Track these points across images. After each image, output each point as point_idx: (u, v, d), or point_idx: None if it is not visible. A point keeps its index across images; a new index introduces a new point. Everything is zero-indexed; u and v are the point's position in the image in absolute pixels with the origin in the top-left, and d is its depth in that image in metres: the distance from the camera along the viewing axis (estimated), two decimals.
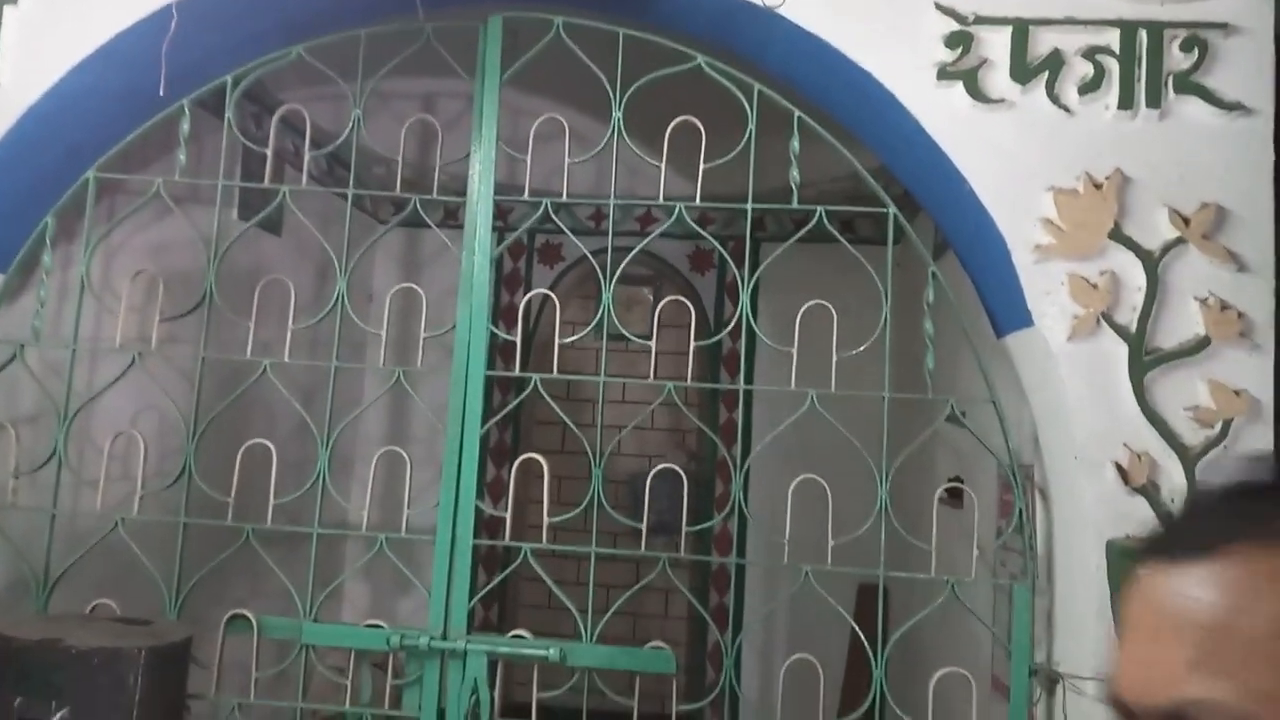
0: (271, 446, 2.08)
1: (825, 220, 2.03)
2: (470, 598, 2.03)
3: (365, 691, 2.05)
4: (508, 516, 2.09)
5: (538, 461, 2.07)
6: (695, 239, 3.97)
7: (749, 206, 2.05)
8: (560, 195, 2.09)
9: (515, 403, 2.19)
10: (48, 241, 2.14)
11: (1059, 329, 1.84)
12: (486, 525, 3.25)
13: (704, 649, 3.98)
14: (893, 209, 2.03)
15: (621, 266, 2.07)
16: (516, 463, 2.10)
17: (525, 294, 3.86)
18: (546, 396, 2.05)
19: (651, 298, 4.51)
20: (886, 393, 2.01)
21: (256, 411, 2.31)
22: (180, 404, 2.15)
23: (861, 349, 2.01)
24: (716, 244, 2.39)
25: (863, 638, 2.00)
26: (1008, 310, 1.93)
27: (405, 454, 2.07)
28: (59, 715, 1.76)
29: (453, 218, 2.11)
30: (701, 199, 2.07)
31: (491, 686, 2.00)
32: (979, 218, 1.89)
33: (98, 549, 2.11)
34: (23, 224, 2.18)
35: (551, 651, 1.98)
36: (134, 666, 1.81)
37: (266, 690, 2.08)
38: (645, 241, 2.11)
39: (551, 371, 2.08)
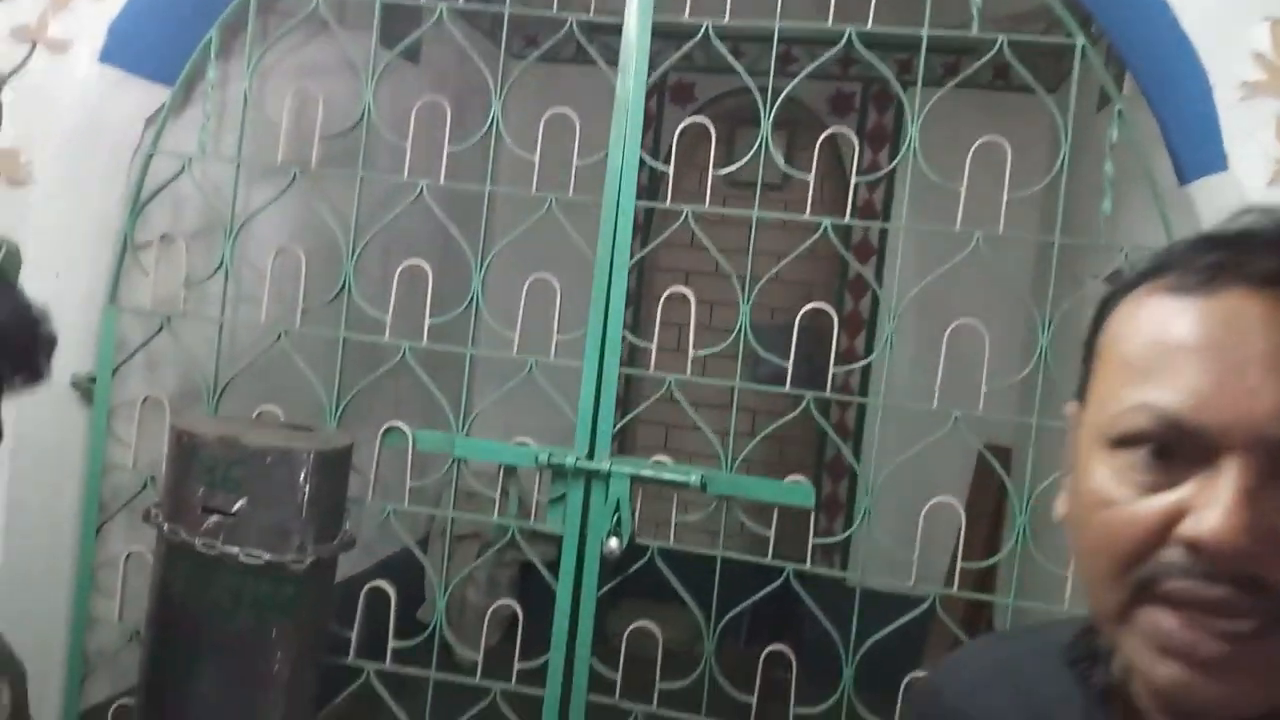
0: (427, 268, 2.12)
1: (1006, 50, 1.90)
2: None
3: (512, 506, 2.14)
4: (653, 347, 2.10)
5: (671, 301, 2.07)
6: (836, 80, 3.82)
7: (924, 31, 1.93)
8: (721, 18, 2.01)
9: (667, 232, 2.16)
10: (212, 55, 2.17)
11: (1258, 174, 1.71)
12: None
13: (821, 499, 4.05)
14: (1081, 39, 1.89)
15: (782, 96, 1.99)
16: (664, 296, 2.10)
17: (654, 133, 3.79)
18: (696, 228, 2.03)
19: (785, 143, 4.38)
20: (1057, 238, 1.92)
21: (411, 234, 2.35)
22: (335, 223, 2.20)
23: (1033, 189, 1.92)
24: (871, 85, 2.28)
25: (1009, 485, 1.97)
26: (1199, 153, 1.80)
27: (555, 282, 2.09)
28: (238, 505, 1.90)
29: (586, 55, 2.07)
30: (858, 35, 1.95)
31: (632, 511, 2.07)
32: (1179, 50, 1.75)
33: (261, 361, 2.21)
34: (185, 40, 2.21)
35: (693, 477, 2.02)
36: (304, 466, 1.93)
37: (417, 501, 2.19)
38: (813, 66, 2.02)
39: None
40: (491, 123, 2.08)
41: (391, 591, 2.17)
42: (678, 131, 2.08)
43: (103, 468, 2.23)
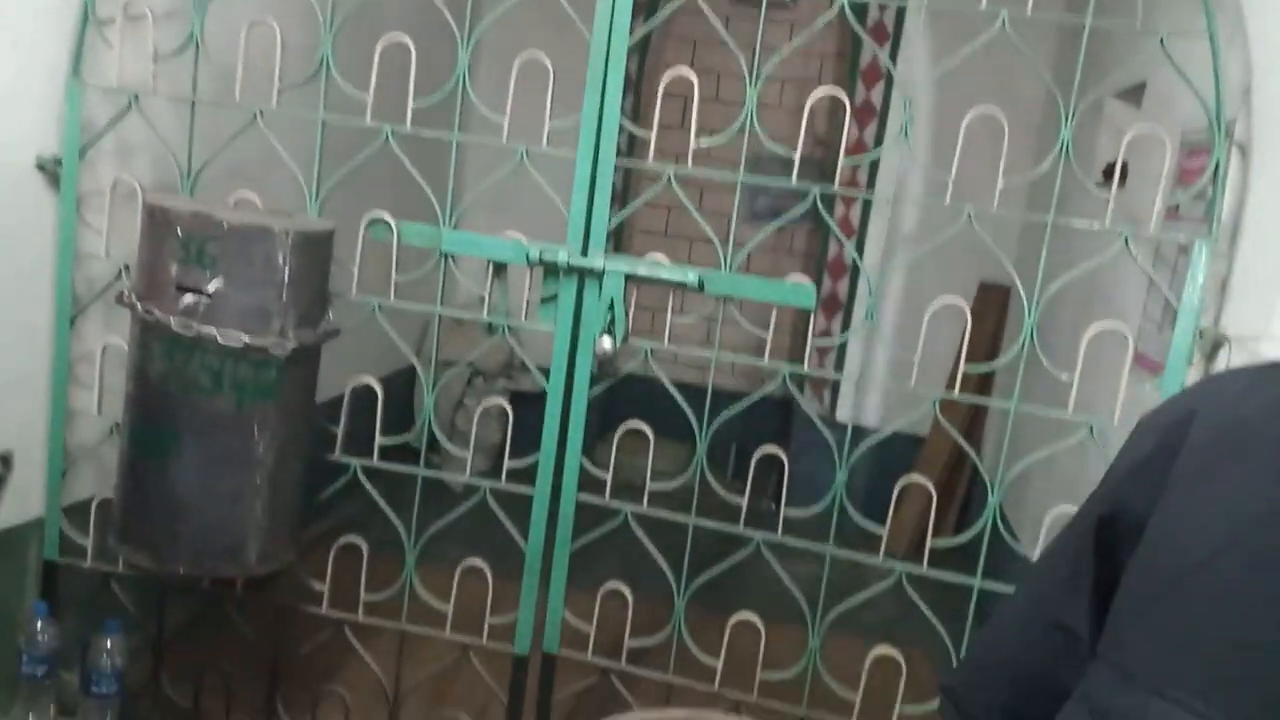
0: (410, 44, 1.98)
1: None
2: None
3: (501, 303, 2.06)
4: (652, 137, 1.98)
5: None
6: None
7: None
8: None
9: (669, 8, 2.01)
10: None
11: None
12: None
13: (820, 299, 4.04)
14: None
15: None
16: (663, 80, 1.97)
17: None
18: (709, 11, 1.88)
19: None
20: (1089, 20, 1.79)
21: (393, 9, 2.19)
22: None
23: None
24: None
25: (1021, 290, 1.90)
26: None
27: (548, 63, 1.95)
28: (214, 285, 1.82)
29: None
30: None
31: (626, 312, 1.99)
32: None
33: (237, 143, 2.09)
34: None
35: (691, 276, 1.94)
36: (283, 246, 1.84)
37: (405, 297, 2.11)
38: None
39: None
40: None
41: (378, 387, 2.11)
42: None
43: (74, 256, 2.14)
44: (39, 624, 2.08)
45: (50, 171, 2.10)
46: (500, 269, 2.06)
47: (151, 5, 2.12)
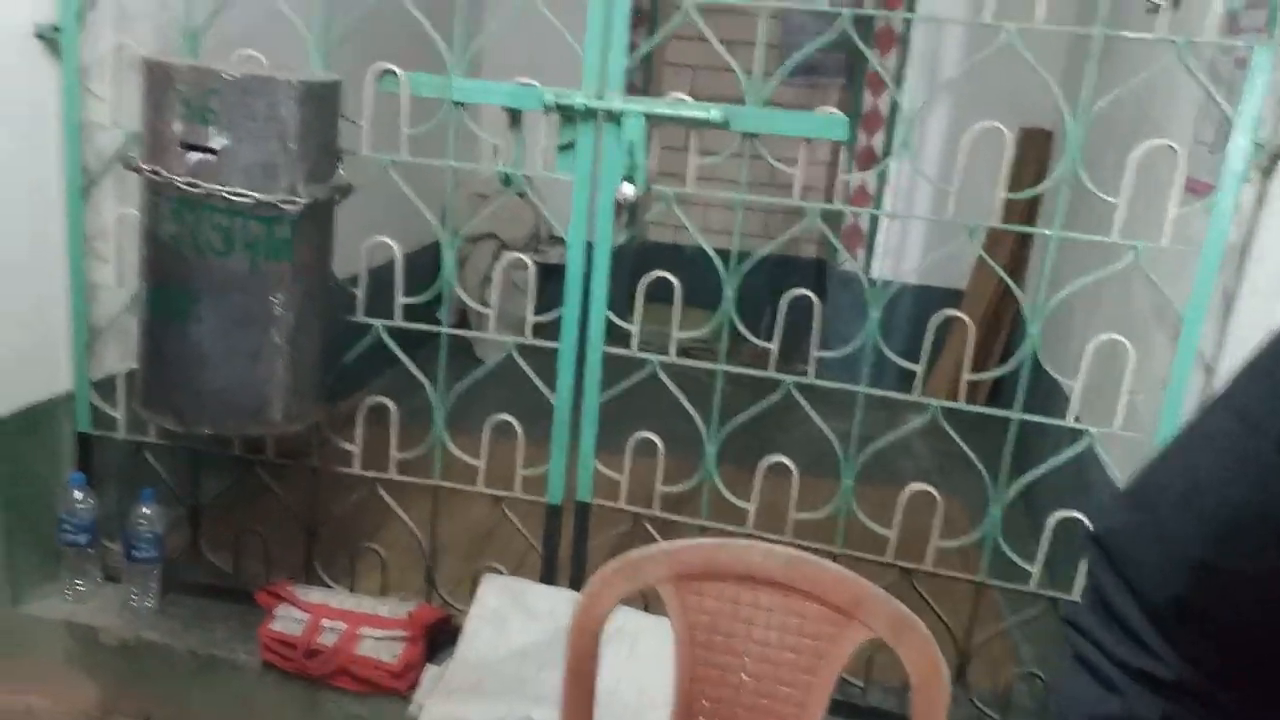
0: None
1: None
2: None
3: (517, 154, 1.99)
4: None
5: None
6: None
7: None
8: None
9: None
10: None
11: None
12: None
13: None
14: None
15: None
16: None
17: None
18: None
19: None
20: None
21: None
22: None
23: None
24: None
25: (1066, 113, 1.79)
26: None
27: None
28: (218, 140, 1.76)
29: None
30: None
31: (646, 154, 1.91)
32: None
33: (241, 5, 2.01)
34: None
35: (713, 113, 1.85)
36: (288, 97, 1.77)
37: (418, 152, 2.04)
38: None
39: None
40: None
41: (396, 247, 2.07)
42: None
43: (81, 127, 2.09)
44: (77, 494, 2.11)
45: (50, 40, 2.03)
46: (515, 118, 1.98)
47: None
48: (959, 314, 1.99)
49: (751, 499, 2.02)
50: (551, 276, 2.31)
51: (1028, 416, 1.87)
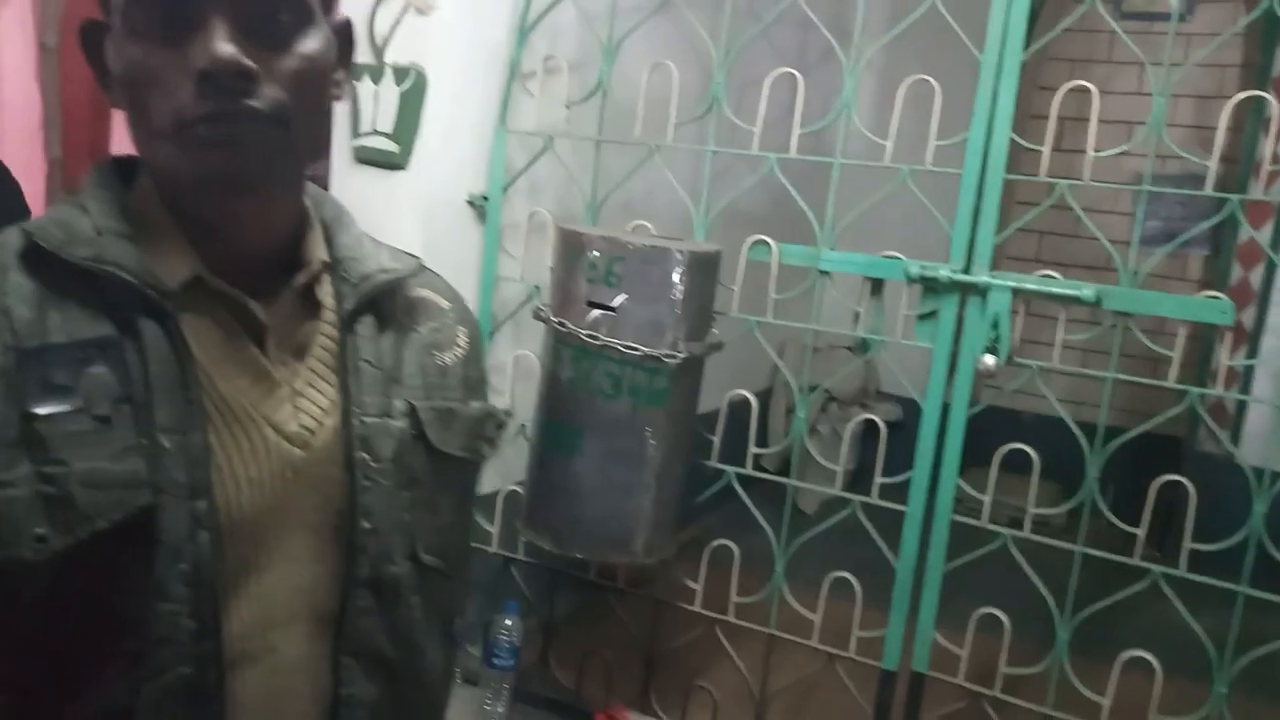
0: (798, 75, 2.08)
1: None
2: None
3: (877, 321, 2.09)
4: (1045, 150, 1.93)
5: (1081, 91, 1.87)
6: None
7: None
8: None
9: (1064, 24, 1.95)
10: None
11: None
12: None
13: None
14: None
15: None
16: (1060, 92, 1.92)
17: None
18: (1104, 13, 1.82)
19: None
20: None
21: (785, 40, 2.31)
22: (709, 39, 2.21)
23: None
24: None
25: None
26: None
27: (934, 82, 1.97)
28: (618, 300, 2.01)
29: None
30: None
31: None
32: None
33: (638, 177, 2.31)
34: None
35: (1086, 292, 1.86)
36: (678, 265, 2.00)
37: (782, 314, 2.20)
38: None
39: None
40: None
41: (753, 400, 2.22)
42: None
43: (495, 279, 2.45)
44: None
45: (477, 207, 2.43)
46: (877, 286, 2.09)
47: (566, 57, 2.41)
48: None
49: (1107, 693, 1.90)
50: (876, 431, 2.36)
51: None
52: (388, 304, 0.86)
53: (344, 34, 0.82)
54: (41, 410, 0.68)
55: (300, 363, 0.80)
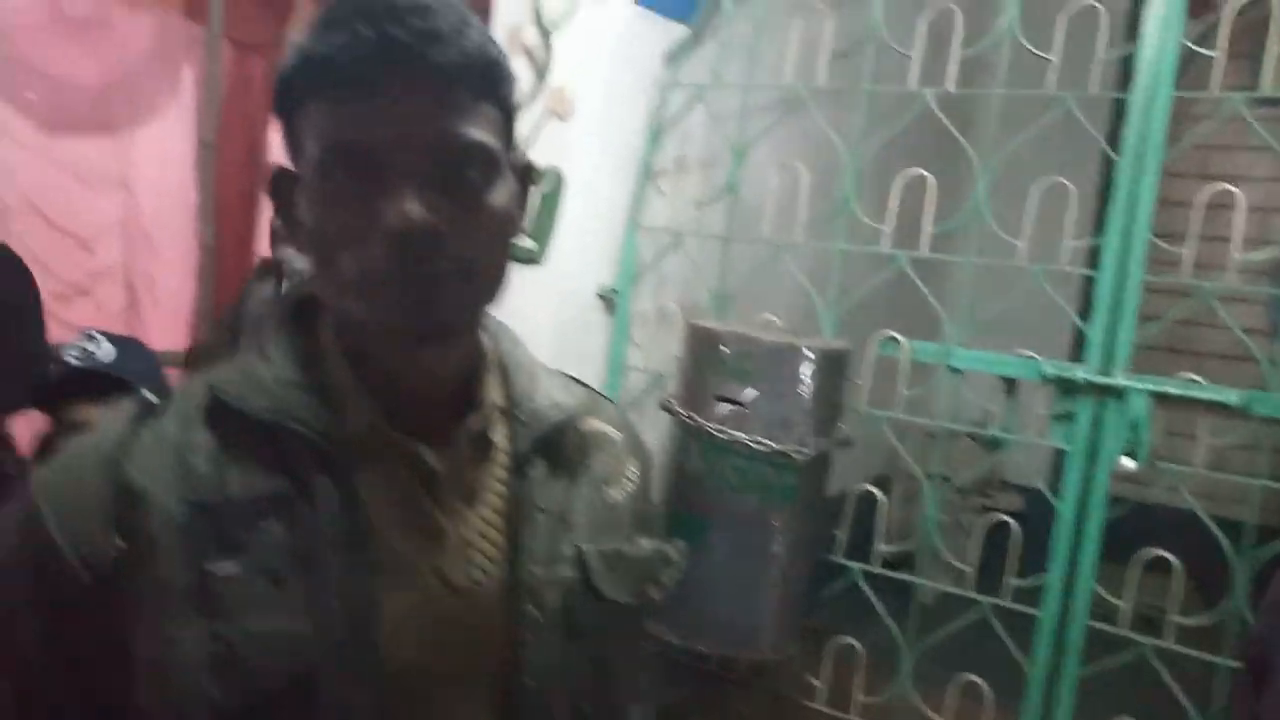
0: (929, 176, 2.12)
1: None
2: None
3: (1011, 420, 2.08)
4: (1187, 253, 1.92)
5: (1227, 191, 1.86)
6: None
7: None
8: None
9: (1204, 130, 1.96)
10: None
11: None
12: None
13: None
14: None
15: None
16: (1204, 194, 1.91)
17: None
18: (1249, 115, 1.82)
19: None
20: None
21: (914, 142, 2.36)
22: (839, 140, 2.27)
23: None
24: None
25: None
26: None
27: (1069, 184, 1.99)
28: (748, 396, 2.05)
29: None
30: None
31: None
32: None
33: (763, 273, 2.36)
34: None
35: (1231, 397, 1.82)
36: (808, 362, 2.03)
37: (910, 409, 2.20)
38: None
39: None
40: (1007, 26, 2.03)
41: (881, 496, 2.21)
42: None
43: (622, 368, 2.52)
44: None
45: (607, 299, 2.52)
46: (1011, 386, 2.09)
47: (696, 156, 2.50)
48: None
49: None
50: (1000, 528, 2.32)
51: None
52: (560, 442, 0.84)
53: (525, 172, 0.81)
54: (216, 569, 0.69)
55: (471, 509, 0.78)
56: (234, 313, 2.18)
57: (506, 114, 0.76)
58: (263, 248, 4.41)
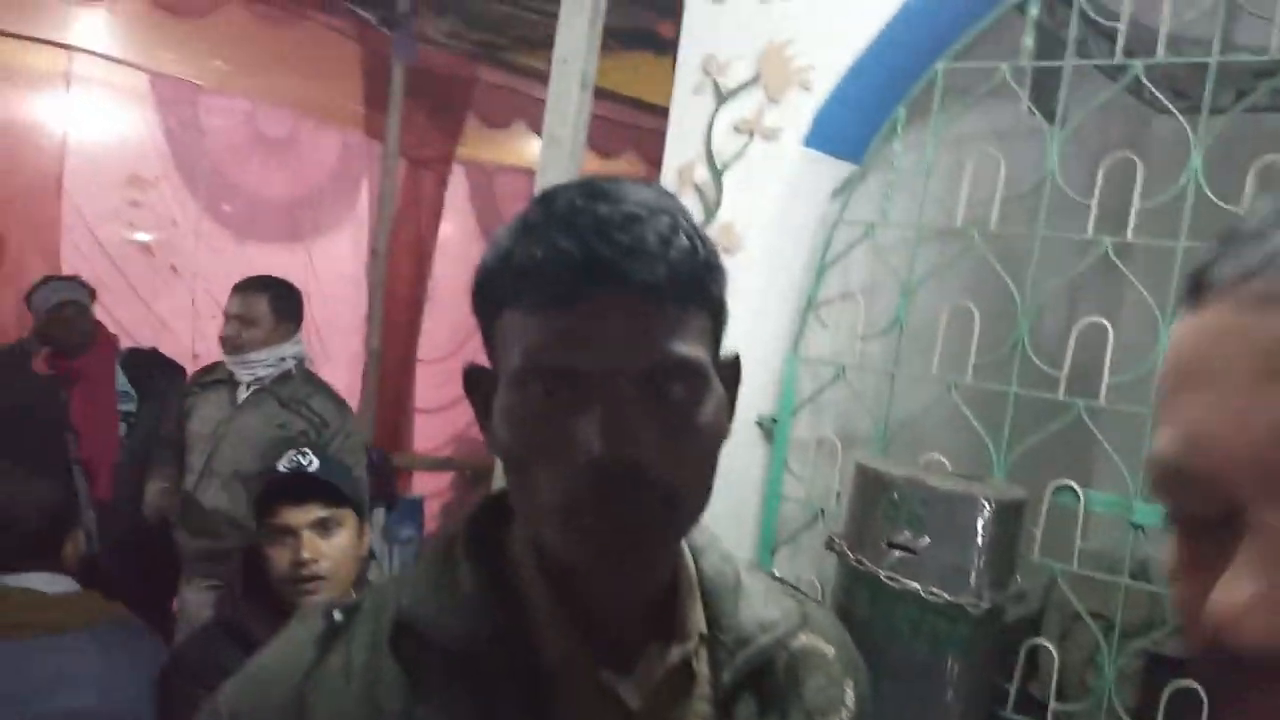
0: (1109, 326, 2.08)
1: None
2: None
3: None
4: None
5: None
6: None
7: None
8: None
9: None
10: (898, 130, 2.39)
11: None
12: None
13: None
14: None
15: None
16: None
17: None
18: None
19: None
20: None
21: (1094, 290, 2.33)
22: (1013, 284, 2.26)
23: None
24: None
25: None
26: None
27: None
28: (922, 543, 2.02)
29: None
30: None
31: None
32: None
33: (931, 409, 2.34)
34: (873, 121, 2.46)
35: None
36: (984, 511, 1.99)
37: (1085, 564, 2.13)
38: None
39: None
40: (1190, 176, 2.00)
41: (1054, 651, 2.13)
42: None
43: (779, 498, 2.53)
44: None
45: (765, 428, 2.54)
46: None
47: (859, 286, 2.52)
48: None
49: None
50: (1162, 665, 2.20)
51: None
52: (769, 669, 0.78)
53: (733, 370, 0.77)
54: None
55: None
56: None
57: (716, 316, 0.73)
58: (424, 352, 4.68)
